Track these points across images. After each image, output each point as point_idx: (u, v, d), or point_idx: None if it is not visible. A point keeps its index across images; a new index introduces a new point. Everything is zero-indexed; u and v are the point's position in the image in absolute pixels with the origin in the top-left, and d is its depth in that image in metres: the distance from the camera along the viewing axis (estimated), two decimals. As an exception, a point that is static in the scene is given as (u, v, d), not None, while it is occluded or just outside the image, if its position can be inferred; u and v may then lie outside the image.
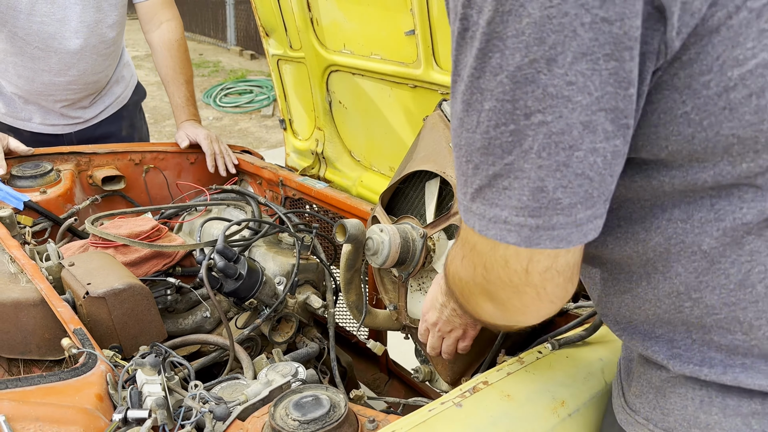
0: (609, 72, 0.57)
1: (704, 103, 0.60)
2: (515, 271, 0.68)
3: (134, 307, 1.29)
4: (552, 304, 0.73)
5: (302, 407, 0.93)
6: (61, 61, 2.08)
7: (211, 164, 2.11)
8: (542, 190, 0.61)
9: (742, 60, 0.57)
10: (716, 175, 0.63)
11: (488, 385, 0.99)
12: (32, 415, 0.92)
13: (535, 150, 0.59)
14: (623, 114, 0.59)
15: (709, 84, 0.59)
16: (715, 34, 0.57)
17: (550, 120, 0.58)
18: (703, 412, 0.75)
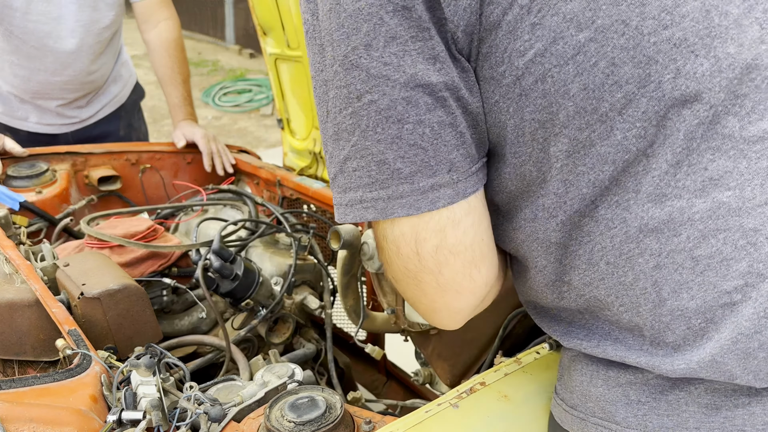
0: (417, 51, 0.65)
1: (506, 91, 0.67)
2: (408, 257, 0.73)
3: (129, 308, 1.28)
4: (459, 294, 0.76)
5: (298, 408, 0.93)
6: (57, 61, 2.08)
7: (208, 163, 2.10)
8: (385, 163, 0.68)
9: (522, 51, 0.65)
10: (536, 163, 0.70)
11: (485, 385, 0.98)
12: (26, 416, 0.91)
13: (371, 127, 0.67)
14: (438, 87, 0.66)
15: (504, 74, 0.67)
16: (498, 29, 0.65)
17: (377, 98, 0.66)
18: (593, 386, 0.80)
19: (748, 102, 0.65)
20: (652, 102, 0.64)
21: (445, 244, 0.72)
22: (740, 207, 0.66)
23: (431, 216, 0.70)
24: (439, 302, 0.78)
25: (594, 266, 0.73)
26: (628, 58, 0.64)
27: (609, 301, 0.73)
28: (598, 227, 0.71)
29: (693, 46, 0.64)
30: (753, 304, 0.66)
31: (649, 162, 0.67)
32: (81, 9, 2.05)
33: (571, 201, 0.70)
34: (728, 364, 0.68)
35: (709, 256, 0.67)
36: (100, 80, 2.24)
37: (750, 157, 0.65)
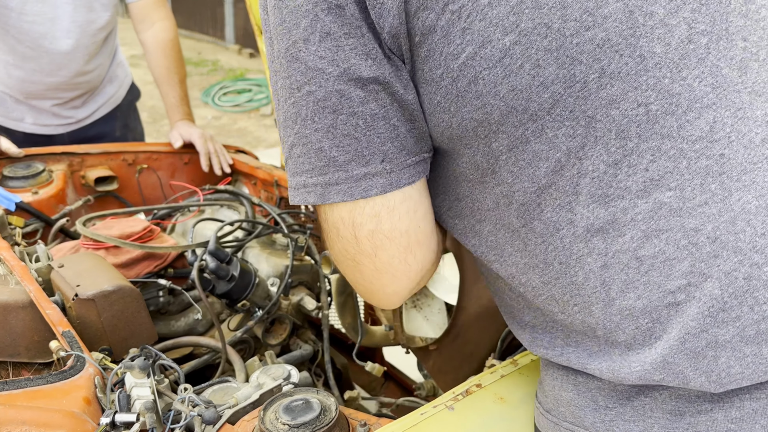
0: (350, 47, 0.68)
1: (445, 92, 0.70)
2: (347, 240, 0.78)
3: (124, 309, 1.28)
4: (395, 277, 0.81)
5: (292, 411, 0.92)
6: (53, 61, 2.07)
7: (205, 163, 2.10)
8: (322, 151, 0.72)
9: (456, 54, 0.67)
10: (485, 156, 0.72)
11: (481, 387, 0.98)
12: (19, 419, 0.91)
13: (309, 117, 0.71)
14: (369, 81, 0.70)
15: (443, 76, 0.69)
16: (433, 33, 0.67)
17: (314, 90, 0.70)
18: (563, 390, 0.81)
19: (684, 101, 0.65)
20: (579, 102, 0.66)
21: (380, 229, 0.76)
22: (681, 207, 0.66)
23: (366, 202, 0.74)
24: (376, 284, 0.82)
25: (549, 266, 0.74)
26: (552, 60, 0.65)
27: (564, 301, 0.75)
28: (548, 229, 0.72)
29: (617, 46, 0.64)
30: (697, 303, 0.67)
31: (582, 164, 0.68)
32: (76, 9, 2.04)
33: (518, 193, 0.73)
34: (679, 365, 0.69)
35: (652, 256, 0.68)
36: (95, 80, 2.24)
37: (690, 156, 0.65)
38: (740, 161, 0.65)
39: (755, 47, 0.66)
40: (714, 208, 0.66)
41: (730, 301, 0.66)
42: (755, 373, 0.67)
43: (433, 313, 1.47)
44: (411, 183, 0.75)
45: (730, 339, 0.67)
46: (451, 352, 1.35)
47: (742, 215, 0.65)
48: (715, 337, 0.67)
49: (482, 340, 1.31)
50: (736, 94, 0.65)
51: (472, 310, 1.29)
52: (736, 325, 0.66)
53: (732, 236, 0.65)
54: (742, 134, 0.65)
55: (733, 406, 0.69)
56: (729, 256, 0.66)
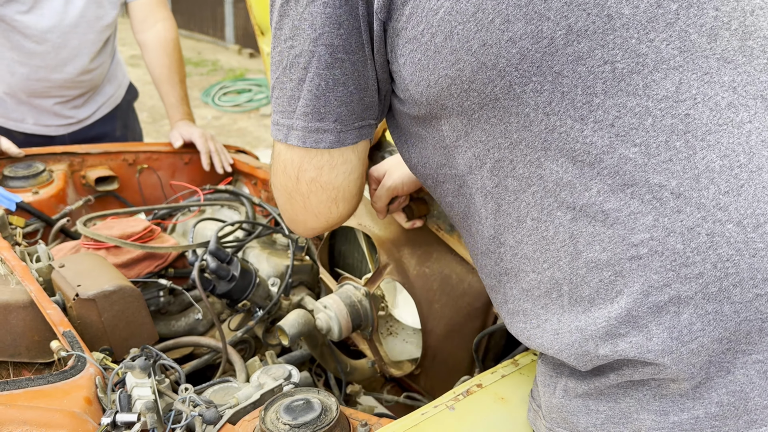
0: (326, 16, 0.76)
1: (425, 48, 0.74)
2: (290, 178, 0.89)
3: (125, 309, 1.28)
4: (317, 218, 0.93)
5: (293, 411, 0.93)
6: (58, 57, 2.07)
7: (206, 162, 2.09)
8: (292, 98, 0.82)
9: (436, 9, 0.72)
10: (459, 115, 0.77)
11: (482, 387, 0.98)
12: (20, 419, 0.91)
13: (287, 67, 0.81)
14: (338, 50, 0.78)
15: (423, 32, 0.74)
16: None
17: (295, 45, 0.79)
18: (554, 397, 0.83)
19: (650, 61, 0.67)
20: (546, 57, 0.69)
21: (319, 179, 0.88)
22: (646, 163, 0.68)
23: (315, 153, 0.85)
24: (300, 217, 0.95)
25: (522, 223, 0.78)
26: (521, 15, 0.68)
27: (535, 257, 0.78)
28: (520, 185, 0.76)
29: (584, 5, 0.67)
30: (659, 257, 0.68)
31: (550, 119, 0.71)
32: (87, 5, 2.05)
33: (492, 150, 0.77)
34: (643, 319, 0.70)
35: (617, 209, 0.70)
36: (97, 79, 2.24)
37: (655, 114, 0.68)
38: (705, 122, 0.67)
39: (727, 17, 0.68)
40: (678, 165, 0.67)
41: (693, 257, 0.67)
42: (716, 330, 0.68)
43: (409, 335, 1.48)
44: (354, 143, 0.86)
45: (693, 295, 0.68)
46: (435, 371, 1.37)
47: (705, 173, 0.67)
48: (678, 293, 0.68)
49: (458, 353, 1.33)
50: (704, 59, 0.67)
51: (438, 331, 1.30)
52: (699, 281, 0.67)
53: (696, 192, 0.67)
54: (708, 97, 0.67)
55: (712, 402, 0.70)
56: (692, 211, 0.67)
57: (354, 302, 1.34)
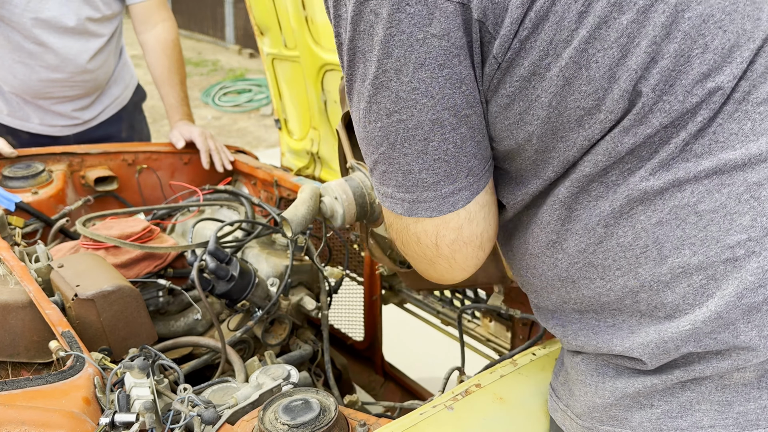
0: (444, 78, 0.68)
1: (548, 84, 0.69)
2: (427, 246, 0.81)
3: (124, 309, 1.28)
4: (464, 271, 0.85)
5: (291, 411, 0.92)
6: (57, 57, 2.08)
7: (206, 160, 2.09)
8: (410, 173, 0.74)
9: (568, 40, 0.67)
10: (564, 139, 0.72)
11: (480, 387, 0.98)
12: (18, 419, 0.91)
13: (398, 142, 0.73)
14: (462, 107, 0.71)
15: (549, 66, 0.68)
16: (545, 20, 0.66)
17: (405, 118, 0.71)
18: (598, 397, 0.81)
19: (759, 67, 0.68)
20: (680, 76, 0.67)
21: (461, 237, 0.79)
22: (744, 163, 0.68)
23: (452, 216, 0.77)
24: (447, 276, 0.86)
25: (590, 231, 0.75)
26: (665, 35, 0.66)
27: (606, 265, 0.75)
28: (606, 192, 0.73)
29: (720, 22, 0.67)
30: (757, 258, 0.67)
31: (668, 133, 0.69)
32: (80, 6, 2.05)
33: (583, 166, 0.73)
34: (733, 319, 0.69)
35: (712, 210, 0.68)
36: (101, 79, 2.24)
37: (754, 118, 0.68)
38: None
39: None
40: None
41: None
42: None
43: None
44: (486, 185, 0.79)
45: None
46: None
47: None
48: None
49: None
50: None
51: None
52: None
53: None
54: None
55: None
56: None
57: (362, 190, 1.24)
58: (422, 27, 0.66)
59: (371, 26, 0.68)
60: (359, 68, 0.71)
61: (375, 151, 0.75)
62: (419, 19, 0.66)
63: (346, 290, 1.99)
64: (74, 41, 2.08)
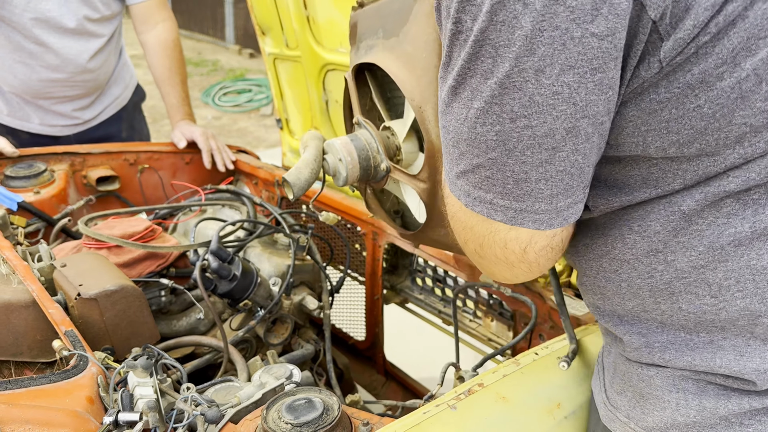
0: (594, 83, 0.60)
1: (717, 95, 0.62)
2: (513, 251, 0.74)
3: (126, 309, 1.28)
4: (542, 272, 0.79)
5: (295, 410, 0.93)
6: (57, 57, 2.08)
7: (208, 160, 2.10)
8: (525, 181, 0.66)
9: (754, 50, 0.59)
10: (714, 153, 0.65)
11: (483, 387, 0.98)
12: (22, 418, 0.91)
13: (519, 149, 0.64)
14: (601, 115, 0.63)
15: (722, 75, 0.61)
16: (733, 26, 0.59)
17: (534, 125, 0.62)
18: (680, 415, 0.77)
19: None
20: None
21: (551, 244, 0.74)
22: None
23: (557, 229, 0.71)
24: (521, 278, 0.80)
25: (716, 249, 0.69)
26: None
27: (726, 285, 0.70)
28: (743, 210, 0.67)
29: None
30: None
31: None
32: (79, 6, 2.05)
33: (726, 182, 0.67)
34: None
35: None
36: (101, 78, 2.24)
37: None
38: None
39: None
40: None
41: None
42: None
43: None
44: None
45: None
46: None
47: None
48: None
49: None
50: None
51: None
52: None
53: None
54: None
55: None
56: None
57: (367, 153, 1.17)
58: (582, 23, 0.57)
59: (515, 17, 0.59)
60: (484, 63, 0.62)
61: (481, 154, 0.66)
62: (580, 14, 0.57)
63: (348, 290, 1.99)
64: (74, 41, 2.08)
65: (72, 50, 2.09)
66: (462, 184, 0.71)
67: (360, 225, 1.83)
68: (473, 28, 0.62)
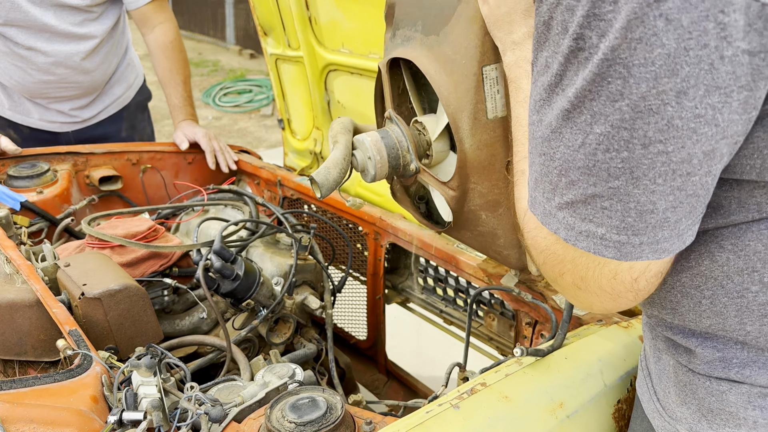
0: (739, 102, 0.55)
1: None
2: (622, 282, 0.68)
3: (130, 308, 1.28)
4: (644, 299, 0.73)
5: (298, 409, 0.93)
6: (48, 60, 2.09)
7: (211, 161, 2.11)
8: (652, 212, 0.60)
9: None
10: None
11: (486, 386, 0.98)
12: (26, 417, 0.91)
13: (649, 177, 0.59)
14: (739, 135, 0.58)
15: None
16: None
17: (671, 150, 0.57)
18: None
19: None
20: None
21: (662, 269, 0.69)
22: None
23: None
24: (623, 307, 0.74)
25: None
26: None
27: None
28: None
29: None
30: None
31: None
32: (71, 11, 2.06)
33: None
34: None
35: None
36: (99, 80, 2.24)
37: None
38: None
39: None
40: None
41: None
42: None
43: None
44: None
45: None
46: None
47: None
48: None
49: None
50: None
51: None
52: None
53: None
54: None
55: None
56: None
57: (397, 152, 1.14)
58: (733, 41, 0.53)
59: (655, 35, 0.54)
60: (611, 85, 0.57)
61: (599, 183, 0.61)
62: (733, 30, 0.52)
63: (350, 289, 1.99)
64: (63, 44, 2.09)
65: (62, 53, 2.10)
66: (564, 217, 0.65)
67: (362, 225, 1.84)
68: (600, 45, 0.57)
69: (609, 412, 1.04)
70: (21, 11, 1.99)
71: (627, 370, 1.08)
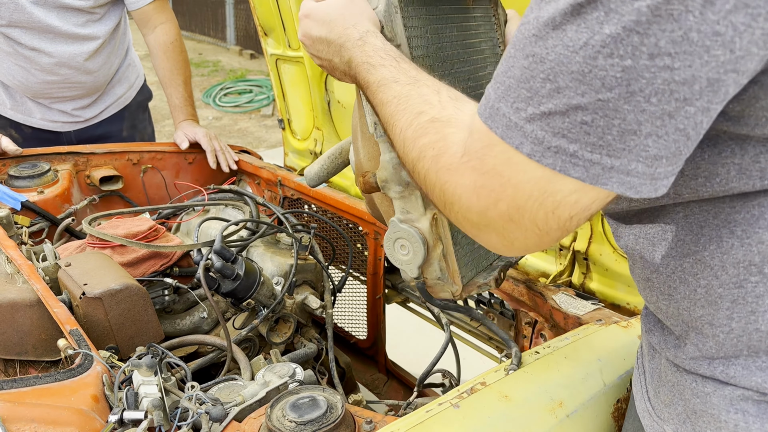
0: (763, 32, 0.51)
1: None
2: (558, 218, 0.62)
3: (131, 308, 1.28)
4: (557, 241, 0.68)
5: (299, 408, 0.93)
6: (52, 61, 2.09)
7: (212, 161, 2.11)
8: (633, 134, 0.55)
9: None
10: None
11: (486, 386, 0.98)
12: (28, 417, 0.92)
13: (644, 93, 0.53)
14: (749, 74, 0.54)
15: None
16: None
17: (677, 66, 0.52)
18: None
19: None
20: None
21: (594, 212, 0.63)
22: None
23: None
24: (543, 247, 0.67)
25: None
26: None
27: None
28: None
29: None
30: None
31: None
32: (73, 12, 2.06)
33: None
34: None
35: None
36: (101, 80, 2.25)
37: None
38: None
39: None
40: None
41: None
42: None
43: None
44: None
45: None
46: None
47: None
48: None
49: None
50: None
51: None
52: None
53: None
54: None
55: None
56: None
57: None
58: None
59: None
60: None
61: (588, 93, 0.55)
62: None
63: (350, 289, 1.99)
64: (67, 45, 2.09)
65: (65, 54, 2.10)
66: (534, 130, 0.58)
67: (362, 225, 1.84)
68: None
69: (608, 412, 1.05)
70: (25, 13, 2.00)
71: (626, 370, 1.08)
